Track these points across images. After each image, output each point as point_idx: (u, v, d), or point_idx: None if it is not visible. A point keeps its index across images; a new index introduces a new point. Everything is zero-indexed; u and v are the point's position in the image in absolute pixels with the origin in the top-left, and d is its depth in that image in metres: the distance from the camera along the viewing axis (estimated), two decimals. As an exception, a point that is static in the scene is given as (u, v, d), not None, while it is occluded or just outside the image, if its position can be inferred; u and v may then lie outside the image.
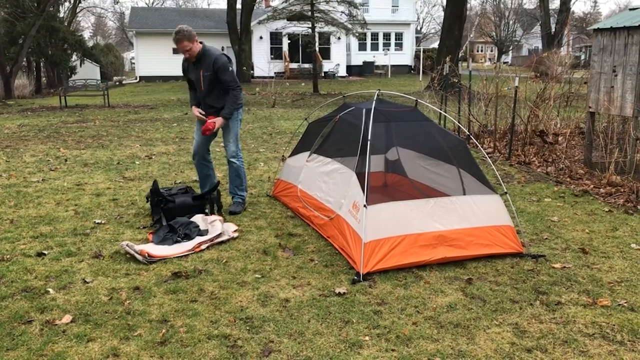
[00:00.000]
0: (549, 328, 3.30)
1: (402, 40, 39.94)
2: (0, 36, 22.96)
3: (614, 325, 3.33)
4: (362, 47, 38.76)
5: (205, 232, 4.86)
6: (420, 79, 28.99)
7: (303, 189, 5.41)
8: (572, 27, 48.37)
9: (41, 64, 29.27)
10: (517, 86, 8.16)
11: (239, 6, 27.57)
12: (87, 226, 5.23)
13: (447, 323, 3.35)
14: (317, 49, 27.20)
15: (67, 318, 3.40)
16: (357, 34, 28.30)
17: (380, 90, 5.30)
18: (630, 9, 7.42)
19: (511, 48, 55.06)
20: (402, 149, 5.01)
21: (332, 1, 24.90)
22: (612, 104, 6.83)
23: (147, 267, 4.21)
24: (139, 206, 5.88)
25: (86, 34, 59.45)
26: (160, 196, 5.24)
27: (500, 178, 5.15)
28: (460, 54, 23.21)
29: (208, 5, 70.30)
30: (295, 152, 5.94)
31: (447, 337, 3.19)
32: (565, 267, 4.20)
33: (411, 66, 40.00)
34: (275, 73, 30.07)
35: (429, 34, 69.45)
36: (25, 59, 25.99)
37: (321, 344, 3.12)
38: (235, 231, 4.95)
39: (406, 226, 4.15)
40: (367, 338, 3.18)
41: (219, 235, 4.78)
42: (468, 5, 33.31)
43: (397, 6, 39.24)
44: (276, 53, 34.32)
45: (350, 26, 27.37)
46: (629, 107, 6.55)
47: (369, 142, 4.41)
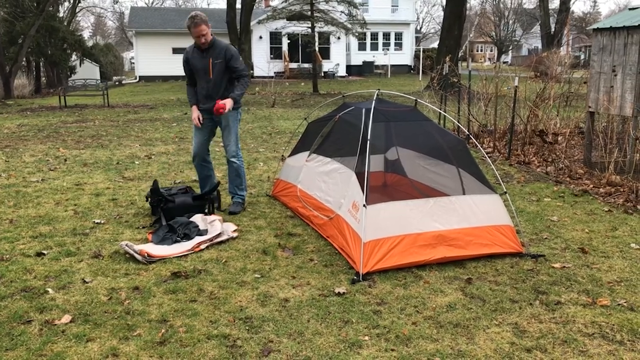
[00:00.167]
0: (549, 328, 3.30)
1: (402, 40, 39.95)
2: (-1, 36, 22.98)
3: (614, 324, 3.33)
4: (362, 47, 38.76)
5: (204, 232, 4.86)
6: (419, 79, 29.01)
7: (302, 189, 5.41)
8: (572, 27, 48.37)
9: (41, 64, 29.25)
10: (517, 86, 8.16)
11: (239, 6, 27.55)
12: (87, 226, 5.22)
13: (447, 323, 3.35)
14: (317, 49, 27.21)
15: (67, 318, 3.39)
16: (357, 34, 28.30)
17: (379, 90, 5.30)
18: (629, 9, 7.42)
19: (511, 48, 55.07)
20: (402, 149, 5.01)
21: (332, 1, 24.89)
22: (612, 104, 6.83)
23: (147, 267, 4.21)
24: (139, 206, 5.88)
25: (86, 34, 59.44)
26: (160, 196, 5.24)
27: (499, 178, 5.14)
28: (459, 54, 23.21)
29: (208, 5, 70.28)
30: (294, 152, 5.94)
31: (447, 337, 3.19)
32: (564, 267, 4.20)
33: (411, 66, 40.01)
34: (274, 73, 30.08)
35: (429, 34, 69.46)
36: (24, 59, 25.97)
37: (320, 344, 3.12)
38: (234, 231, 4.95)
39: (406, 226, 4.15)
40: (367, 338, 3.18)
41: (219, 235, 4.78)
42: (468, 5, 33.35)
43: (397, 6, 39.24)
44: (276, 53, 34.32)
45: (349, 26, 27.36)
46: (629, 107, 6.55)
47: (369, 142, 4.41)
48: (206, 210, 5.44)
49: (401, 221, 4.16)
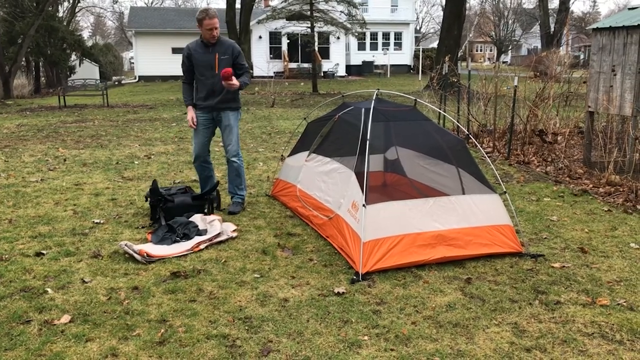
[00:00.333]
0: (548, 327, 3.30)
1: (402, 39, 39.95)
2: (-1, 36, 22.98)
3: (613, 324, 3.33)
4: (362, 47, 38.76)
5: (204, 232, 4.86)
6: (419, 79, 29.01)
7: (302, 189, 5.40)
8: (571, 27, 48.40)
9: (40, 64, 29.23)
10: (516, 86, 8.16)
11: (238, 6, 27.54)
12: (86, 226, 5.22)
13: (446, 322, 3.35)
14: (316, 49, 27.20)
15: (66, 318, 3.39)
16: (357, 34, 28.29)
17: (379, 89, 5.30)
18: (629, 9, 7.42)
19: (510, 48, 55.11)
20: (401, 149, 5.01)
21: (331, 1, 24.89)
22: (611, 104, 6.83)
23: (146, 267, 4.21)
24: (138, 206, 5.88)
25: (85, 34, 59.43)
26: (159, 196, 5.23)
27: (499, 177, 5.15)
28: (459, 54, 23.22)
29: (207, 4, 70.34)
30: (294, 152, 5.94)
31: (446, 337, 3.19)
32: (564, 267, 4.20)
33: (410, 66, 40.00)
34: (274, 73, 30.08)
35: (428, 34, 69.44)
36: (24, 59, 25.96)
37: (320, 344, 3.12)
38: (234, 231, 4.95)
39: (405, 226, 4.15)
40: (366, 338, 3.18)
41: (218, 234, 4.77)
42: (467, 4, 33.36)
43: (397, 6, 39.24)
44: (275, 53, 34.30)
45: (349, 26, 27.35)
46: (628, 107, 6.55)
47: (368, 142, 4.41)
48: (206, 210, 5.44)
49: (401, 221, 4.16)
